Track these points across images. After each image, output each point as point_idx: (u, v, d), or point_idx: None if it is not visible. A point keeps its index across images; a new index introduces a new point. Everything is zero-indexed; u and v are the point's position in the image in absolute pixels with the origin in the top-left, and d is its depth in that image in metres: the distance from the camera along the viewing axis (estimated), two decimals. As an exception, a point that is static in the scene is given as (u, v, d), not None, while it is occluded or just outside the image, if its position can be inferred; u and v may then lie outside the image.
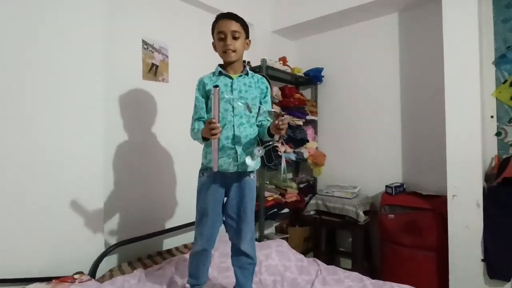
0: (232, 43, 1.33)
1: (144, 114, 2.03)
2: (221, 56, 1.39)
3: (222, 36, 1.34)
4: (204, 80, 1.40)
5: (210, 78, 1.40)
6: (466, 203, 1.87)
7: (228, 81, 1.37)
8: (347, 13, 2.62)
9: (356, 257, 2.47)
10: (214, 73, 1.41)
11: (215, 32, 1.38)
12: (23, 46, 1.48)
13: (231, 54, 1.35)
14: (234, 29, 1.33)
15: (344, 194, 2.53)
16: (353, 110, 2.86)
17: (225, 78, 1.38)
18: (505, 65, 2.11)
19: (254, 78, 1.43)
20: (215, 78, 1.39)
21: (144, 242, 1.94)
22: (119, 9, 1.91)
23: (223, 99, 1.31)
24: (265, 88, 1.45)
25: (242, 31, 1.37)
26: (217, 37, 1.36)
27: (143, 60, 2.03)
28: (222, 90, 1.31)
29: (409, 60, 2.54)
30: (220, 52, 1.37)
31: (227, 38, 1.33)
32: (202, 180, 1.40)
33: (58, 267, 1.56)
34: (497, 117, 2.14)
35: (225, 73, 1.38)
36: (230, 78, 1.38)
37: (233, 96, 1.33)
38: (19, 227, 1.47)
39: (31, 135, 1.50)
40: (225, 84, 1.36)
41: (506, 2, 2.11)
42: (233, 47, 1.34)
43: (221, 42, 1.34)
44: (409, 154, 2.54)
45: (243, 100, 1.29)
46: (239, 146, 1.33)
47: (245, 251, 1.41)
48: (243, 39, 1.39)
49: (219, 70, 1.39)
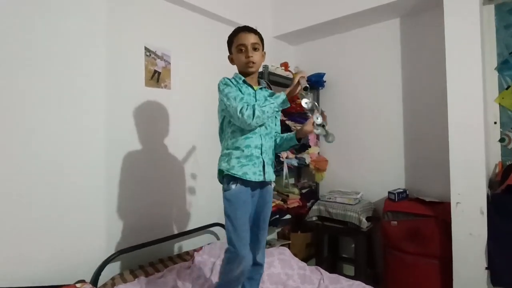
0: (253, 54, 1.37)
1: (146, 120, 2.03)
2: (241, 68, 1.41)
3: (243, 49, 1.37)
4: (233, 81, 1.40)
5: (235, 80, 1.40)
6: (470, 211, 1.85)
7: (252, 91, 1.41)
8: (349, 19, 2.62)
9: (359, 264, 2.45)
10: (236, 79, 1.40)
11: (234, 45, 1.40)
12: (24, 54, 1.49)
13: (252, 66, 1.38)
14: (254, 42, 1.37)
15: (346, 200, 2.52)
16: (355, 115, 2.85)
17: (248, 88, 1.41)
18: (508, 71, 2.10)
19: (268, 92, 1.47)
20: (239, 84, 1.39)
21: (146, 250, 1.94)
22: (122, 16, 1.92)
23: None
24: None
25: (260, 43, 1.41)
26: (237, 50, 1.38)
27: (146, 67, 2.04)
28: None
29: (411, 65, 2.53)
30: (242, 64, 1.39)
31: (248, 50, 1.36)
32: (236, 191, 1.34)
33: (59, 276, 1.55)
34: (501, 123, 2.13)
35: (249, 83, 1.41)
36: (252, 89, 1.41)
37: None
38: (20, 234, 1.47)
39: (31, 141, 1.51)
40: (249, 94, 1.39)
41: (509, 8, 2.11)
42: (253, 59, 1.37)
43: (242, 55, 1.37)
44: (411, 159, 2.53)
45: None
46: (265, 156, 1.37)
47: (259, 262, 1.43)
48: (261, 51, 1.43)
49: (243, 79, 1.40)
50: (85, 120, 1.68)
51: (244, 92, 1.37)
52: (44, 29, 1.55)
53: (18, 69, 1.47)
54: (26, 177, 1.48)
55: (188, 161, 2.26)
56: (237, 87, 1.37)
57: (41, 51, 1.54)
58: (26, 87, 1.49)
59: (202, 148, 2.33)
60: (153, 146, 2.07)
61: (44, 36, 1.54)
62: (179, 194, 2.22)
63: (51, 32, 1.57)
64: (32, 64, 1.51)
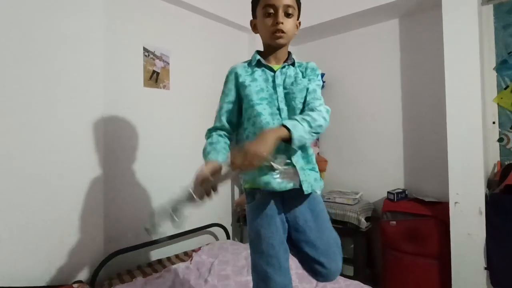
0: (284, 21, 1.04)
1: (145, 121, 2.03)
2: (266, 38, 1.09)
3: (271, 11, 1.03)
4: (238, 70, 1.11)
5: (245, 68, 1.11)
6: (468, 210, 1.85)
7: (269, 74, 1.09)
8: (348, 19, 2.62)
9: (358, 264, 2.44)
10: (250, 63, 1.12)
11: (259, 6, 1.07)
12: (22, 54, 1.49)
13: (282, 36, 1.05)
14: (288, 3, 1.04)
15: (345, 200, 2.52)
16: (354, 116, 2.85)
17: (264, 71, 1.10)
18: (507, 71, 2.10)
19: (301, 68, 1.14)
20: (251, 69, 1.10)
21: (143, 250, 1.94)
22: (120, 16, 1.92)
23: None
24: (315, 76, 1.14)
25: (296, 7, 1.08)
26: (263, 12, 1.05)
27: (144, 67, 2.04)
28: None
29: (410, 65, 2.53)
30: (267, 33, 1.06)
31: (278, 14, 1.03)
32: (251, 207, 1.10)
33: (56, 276, 1.55)
34: (499, 123, 2.12)
35: (265, 63, 1.10)
36: (271, 71, 1.10)
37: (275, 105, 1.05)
38: (17, 235, 1.46)
39: (28, 141, 1.50)
40: (265, 80, 1.08)
41: (507, 8, 2.11)
42: (284, 27, 1.04)
43: (269, 19, 1.04)
44: (410, 159, 2.52)
45: None
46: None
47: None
48: (296, 18, 1.11)
49: (258, 59, 1.10)
50: (83, 120, 1.68)
51: (256, 77, 1.08)
52: (41, 29, 1.54)
53: (15, 69, 1.47)
54: (22, 177, 1.48)
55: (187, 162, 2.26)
56: (249, 74, 1.09)
57: (38, 51, 1.53)
58: (23, 87, 1.49)
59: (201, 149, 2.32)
60: (152, 147, 2.06)
61: (41, 36, 1.54)
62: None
63: (48, 32, 1.57)
64: (30, 64, 1.51)
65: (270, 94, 1.06)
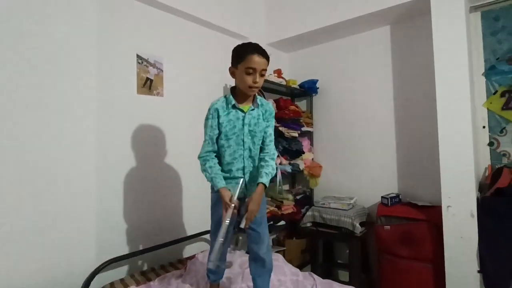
0: (259, 80, 1.36)
1: (138, 128, 2.03)
2: (243, 88, 1.39)
3: (251, 72, 1.34)
4: (218, 108, 1.41)
5: (223, 107, 1.42)
6: (460, 214, 1.87)
7: (240, 115, 1.42)
8: (341, 26, 2.66)
9: (353, 269, 2.44)
10: (226, 102, 1.42)
11: (242, 63, 1.35)
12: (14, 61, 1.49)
13: (255, 90, 1.39)
14: (264, 68, 1.36)
15: (340, 206, 2.53)
16: (348, 121, 2.88)
17: (237, 112, 1.42)
18: (495, 76, 2.14)
19: (262, 109, 1.48)
20: (227, 110, 1.41)
21: (137, 258, 1.92)
22: (113, 24, 1.93)
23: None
24: (271, 118, 1.52)
25: (267, 68, 1.40)
26: (245, 71, 1.34)
27: (138, 74, 2.05)
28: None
29: (402, 71, 2.57)
30: (245, 86, 1.37)
31: (256, 76, 1.34)
32: (216, 196, 1.45)
33: (49, 286, 1.53)
34: (489, 127, 2.16)
35: (238, 107, 1.42)
36: (242, 112, 1.42)
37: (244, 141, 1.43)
38: (8, 244, 1.44)
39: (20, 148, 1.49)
40: (237, 118, 1.41)
41: (494, 15, 2.16)
42: (258, 84, 1.37)
43: (249, 77, 1.35)
44: (404, 164, 2.55)
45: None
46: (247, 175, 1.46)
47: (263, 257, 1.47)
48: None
49: (233, 104, 1.41)
50: (76, 127, 1.68)
51: (231, 118, 1.40)
52: (34, 36, 1.55)
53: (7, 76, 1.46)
54: (14, 185, 1.47)
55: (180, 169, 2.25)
56: (226, 114, 1.41)
57: (30, 58, 1.53)
58: (15, 94, 1.48)
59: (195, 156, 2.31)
60: (145, 154, 2.06)
61: (34, 43, 1.54)
62: (171, 202, 2.21)
63: (41, 39, 1.57)
64: (22, 71, 1.51)
65: (239, 129, 1.42)
